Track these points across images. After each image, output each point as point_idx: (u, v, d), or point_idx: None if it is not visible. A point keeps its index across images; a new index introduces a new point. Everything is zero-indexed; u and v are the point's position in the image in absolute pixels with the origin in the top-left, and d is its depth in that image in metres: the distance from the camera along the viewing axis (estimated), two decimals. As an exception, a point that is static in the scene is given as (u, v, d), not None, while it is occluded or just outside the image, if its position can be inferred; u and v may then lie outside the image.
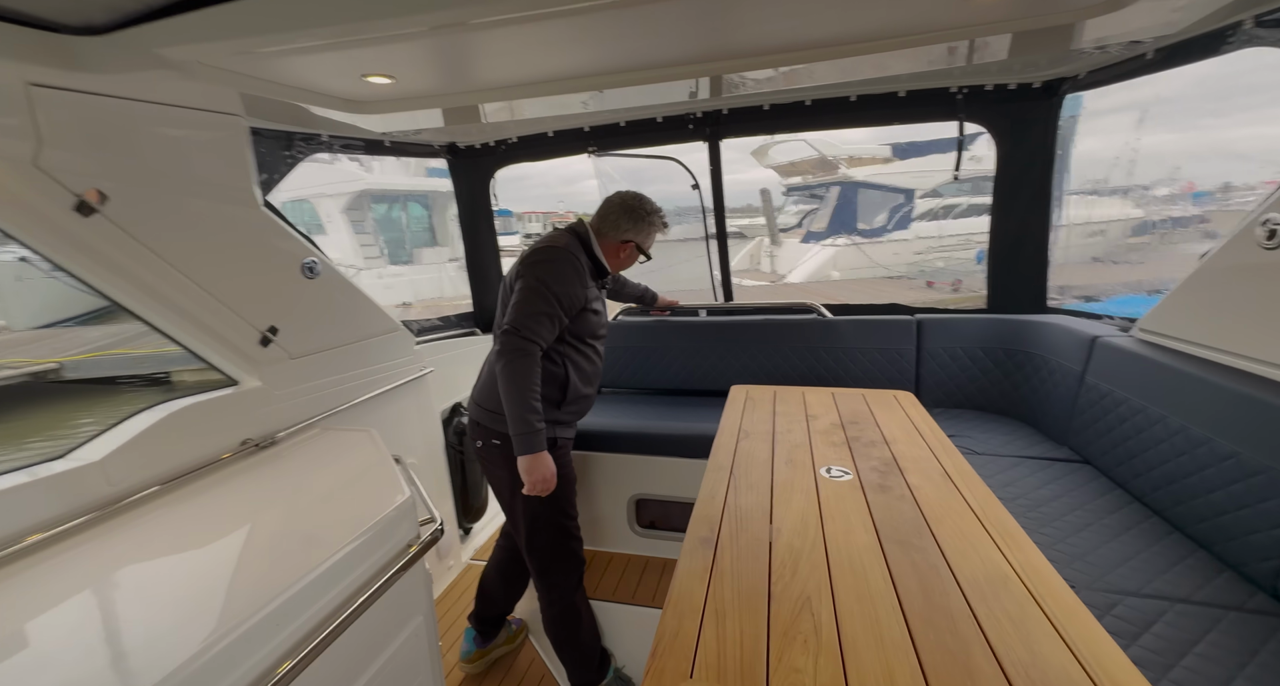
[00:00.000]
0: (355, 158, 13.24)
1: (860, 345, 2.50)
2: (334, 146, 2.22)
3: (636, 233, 1.69)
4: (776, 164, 15.09)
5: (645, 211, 1.69)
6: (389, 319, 2.37)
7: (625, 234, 1.68)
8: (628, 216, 1.68)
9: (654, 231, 1.72)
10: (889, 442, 1.47)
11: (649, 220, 1.69)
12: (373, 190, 12.25)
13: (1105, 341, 1.79)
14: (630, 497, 2.32)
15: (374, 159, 12.94)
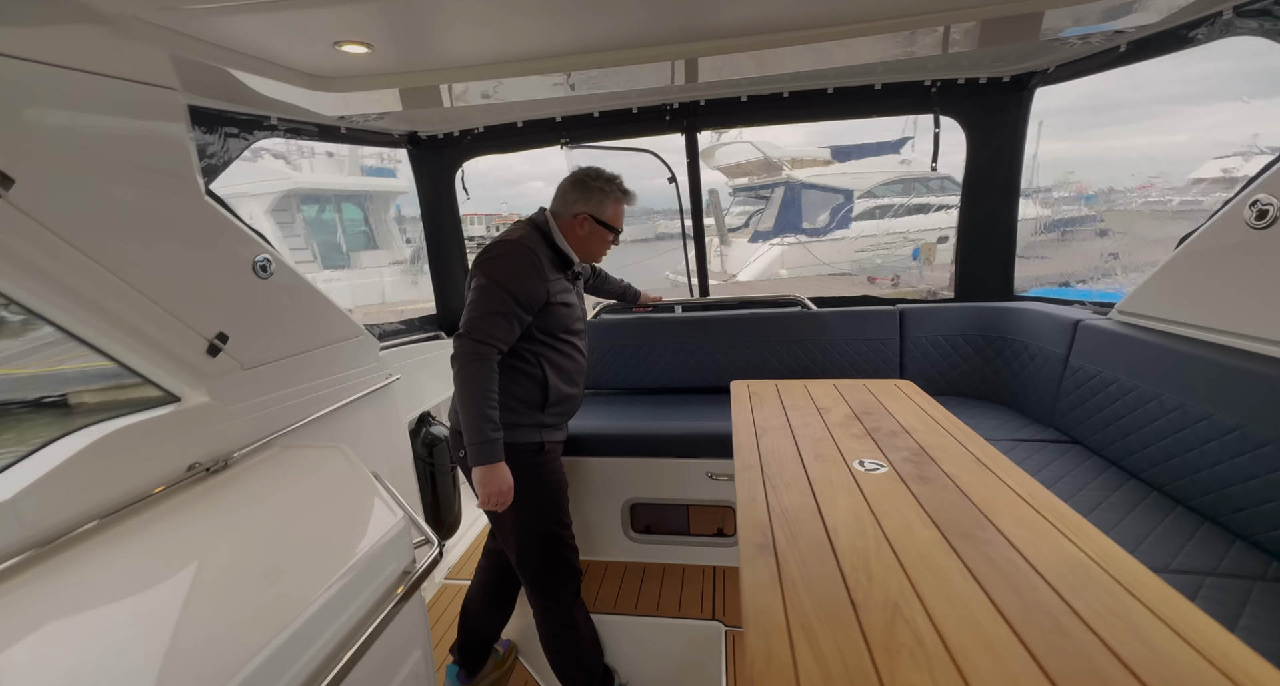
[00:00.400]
0: (280, 156, 12.36)
1: (846, 336, 2.51)
2: (282, 130, 1.98)
3: (587, 203, 1.55)
4: (723, 165, 15.36)
5: (594, 178, 1.56)
6: (351, 323, 2.16)
7: (576, 207, 1.55)
8: (576, 188, 1.56)
9: (609, 200, 1.57)
10: (909, 431, 1.44)
11: (599, 188, 1.55)
12: (301, 190, 11.45)
13: (1089, 324, 1.86)
14: (624, 502, 2.21)
15: (304, 157, 12.11)
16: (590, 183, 1.56)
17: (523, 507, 1.56)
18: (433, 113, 2.51)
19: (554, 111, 2.66)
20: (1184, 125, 13.23)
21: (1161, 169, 11.38)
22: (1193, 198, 12.45)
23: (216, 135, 1.77)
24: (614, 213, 1.59)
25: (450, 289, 3.05)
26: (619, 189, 1.59)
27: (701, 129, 2.73)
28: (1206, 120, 15.36)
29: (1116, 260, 10.33)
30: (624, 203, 1.61)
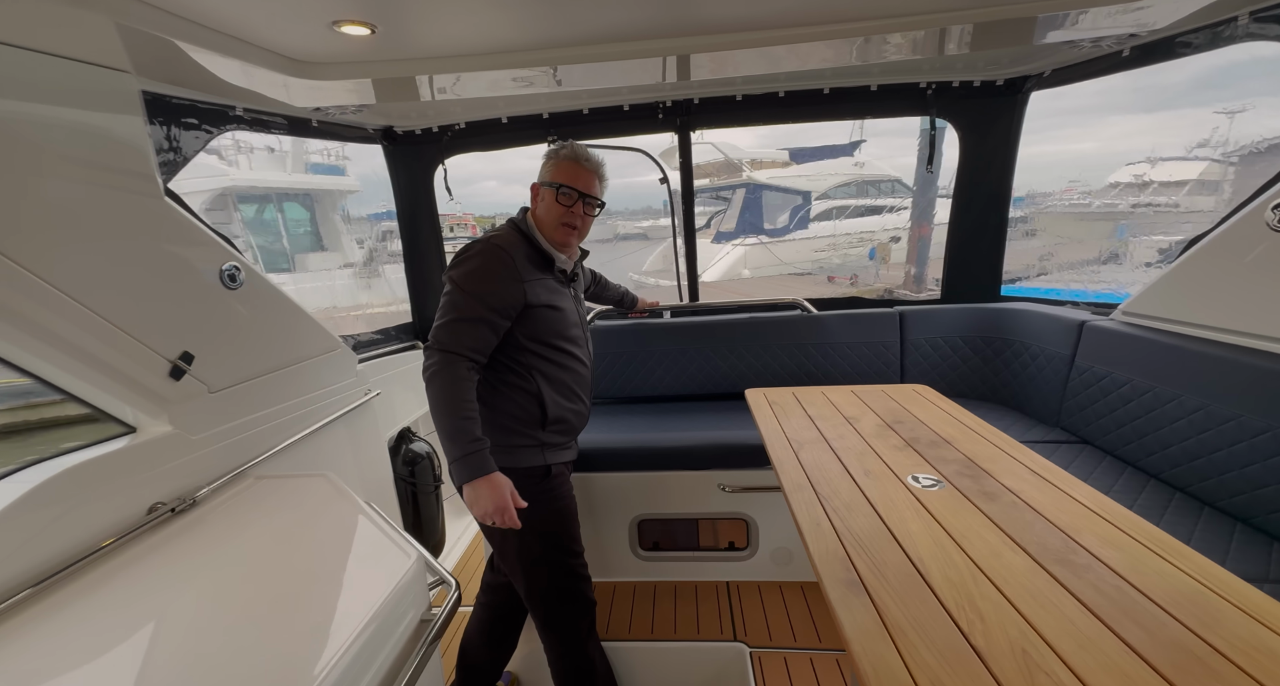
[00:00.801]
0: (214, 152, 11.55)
1: (847, 339, 2.48)
2: (249, 123, 1.76)
3: (539, 177, 1.44)
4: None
5: (547, 156, 1.46)
6: (328, 335, 1.95)
7: (533, 185, 1.45)
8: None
9: (551, 162, 1.42)
10: (949, 441, 1.39)
11: (548, 155, 1.44)
12: (238, 188, 10.71)
13: (1095, 325, 1.88)
14: (632, 519, 2.10)
15: (241, 153, 11.35)
16: (543, 160, 1.45)
17: (530, 539, 1.43)
18: (410, 107, 2.32)
19: (540, 107, 2.51)
20: (1092, 134, 14.24)
21: (1078, 175, 12.25)
22: (1110, 200, 13.45)
23: (175, 127, 1.55)
24: (557, 171, 1.41)
25: (428, 295, 2.85)
26: (568, 150, 1.43)
27: (695, 128, 2.65)
28: (1111, 131, 16.53)
29: (1050, 259, 11.01)
30: (576, 161, 1.42)
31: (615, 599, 2.06)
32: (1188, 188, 13.27)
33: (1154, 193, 13.56)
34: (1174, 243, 6.94)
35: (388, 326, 2.73)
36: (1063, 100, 2.27)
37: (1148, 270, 7.13)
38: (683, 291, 2.97)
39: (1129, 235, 11.88)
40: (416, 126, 2.46)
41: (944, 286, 2.68)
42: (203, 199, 10.55)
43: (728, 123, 2.61)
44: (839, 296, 3.05)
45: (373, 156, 2.59)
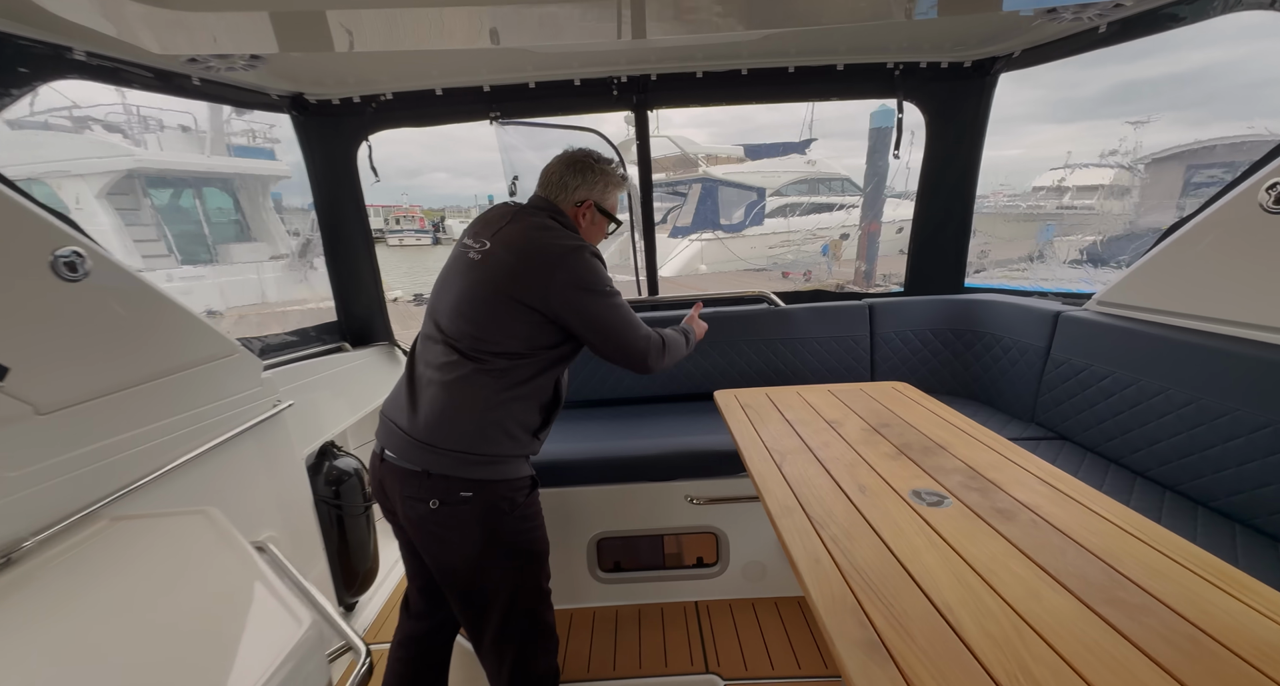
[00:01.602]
0: (117, 129, 10.38)
1: (816, 334, 2.34)
2: (95, 71, 1.41)
3: (590, 189, 1.32)
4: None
5: (596, 160, 1.35)
6: (220, 338, 1.63)
7: (578, 194, 1.32)
8: (576, 171, 1.32)
9: (611, 185, 1.36)
10: (944, 447, 1.25)
11: (602, 170, 1.34)
12: (145, 170, 9.66)
13: (1071, 316, 1.81)
14: (590, 538, 1.88)
15: (149, 131, 10.28)
16: (593, 165, 1.33)
17: (511, 566, 1.24)
18: (325, 70, 2.00)
19: (481, 78, 2.23)
20: (1016, 142, 15.10)
21: (1005, 179, 12.94)
22: (1035, 202, 14.32)
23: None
24: (614, 199, 1.39)
25: (355, 290, 2.52)
26: (620, 173, 1.38)
27: (653, 107, 2.43)
28: (1032, 138, 17.59)
29: (985, 256, 11.57)
30: (620, 190, 1.40)
31: (573, 629, 1.83)
32: (1100, 192, 14.26)
33: (1073, 196, 14.51)
34: (1092, 242, 7.35)
35: (307, 326, 2.38)
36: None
37: (1077, 267, 7.42)
38: (641, 286, 2.77)
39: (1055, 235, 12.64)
40: (334, 95, 2.13)
41: (908, 278, 2.59)
42: (102, 182, 9.50)
43: (687, 101, 2.41)
44: (802, 290, 2.93)
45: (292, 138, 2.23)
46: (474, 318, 1.18)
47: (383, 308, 2.61)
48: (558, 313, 1.18)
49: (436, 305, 1.28)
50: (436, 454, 1.15)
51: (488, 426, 1.17)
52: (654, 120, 2.58)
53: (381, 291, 2.59)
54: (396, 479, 1.20)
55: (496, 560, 1.21)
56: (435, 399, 1.17)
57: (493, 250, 1.20)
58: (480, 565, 1.21)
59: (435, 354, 1.21)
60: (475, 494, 1.16)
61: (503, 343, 1.17)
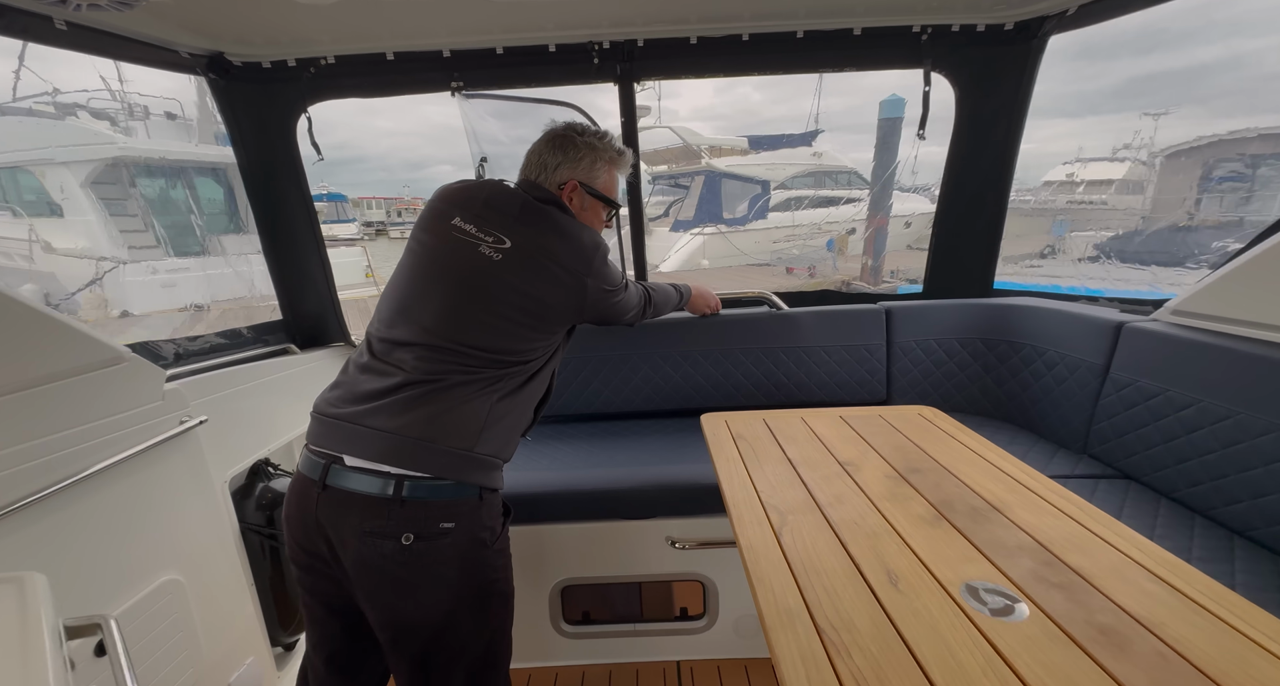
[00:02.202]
0: (104, 116, 10.17)
1: (824, 342, 2.03)
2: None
3: (574, 167, 1.18)
4: (642, 152, 14.89)
5: (579, 133, 1.20)
6: (99, 344, 1.33)
7: (560, 173, 1.18)
8: (556, 148, 1.18)
9: (601, 161, 1.20)
10: (999, 509, 0.94)
11: (588, 144, 1.19)
12: (132, 158, 9.38)
13: (1137, 328, 1.49)
14: (554, 585, 1.59)
15: (136, 119, 10.00)
16: (576, 139, 1.20)
17: (485, 617, 1.07)
18: (251, 25, 1.69)
19: (439, 41, 1.92)
20: (1024, 135, 14.89)
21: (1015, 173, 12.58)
22: (1045, 198, 13.91)
23: None
24: (608, 179, 1.24)
25: (302, 285, 2.22)
26: (612, 147, 1.23)
27: (640, 78, 2.11)
28: (1041, 133, 17.25)
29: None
30: (617, 167, 1.25)
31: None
32: (1114, 186, 13.82)
33: (1085, 191, 14.10)
34: (1107, 237, 6.97)
35: (238, 326, 2.08)
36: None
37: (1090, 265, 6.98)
38: (629, 283, 2.45)
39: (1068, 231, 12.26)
40: (264, 56, 1.82)
41: (928, 277, 2.27)
42: (86, 170, 9.24)
43: (679, 71, 2.09)
44: (808, 290, 2.62)
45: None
46: (486, 323, 1.03)
47: (335, 304, 2.31)
48: (588, 319, 1.17)
49: (414, 298, 1.07)
50: (429, 453, 0.97)
51: (498, 427, 1.05)
52: (655, 109, 2.28)
53: (333, 286, 2.29)
54: (350, 509, 0.96)
55: (471, 607, 1.04)
56: (419, 403, 0.99)
57: (517, 247, 1.06)
58: (453, 617, 1.02)
59: (412, 360, 1.02)
60: (457, 524, 0.99)
61: (515, 349, 1.06)
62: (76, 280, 9.10)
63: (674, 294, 1.65)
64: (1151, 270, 7.69)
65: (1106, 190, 13.43)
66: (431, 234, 1.10)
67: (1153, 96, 17.93)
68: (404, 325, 1.04)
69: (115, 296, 8.82)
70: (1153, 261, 8.30)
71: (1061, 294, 1.97)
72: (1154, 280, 7.19)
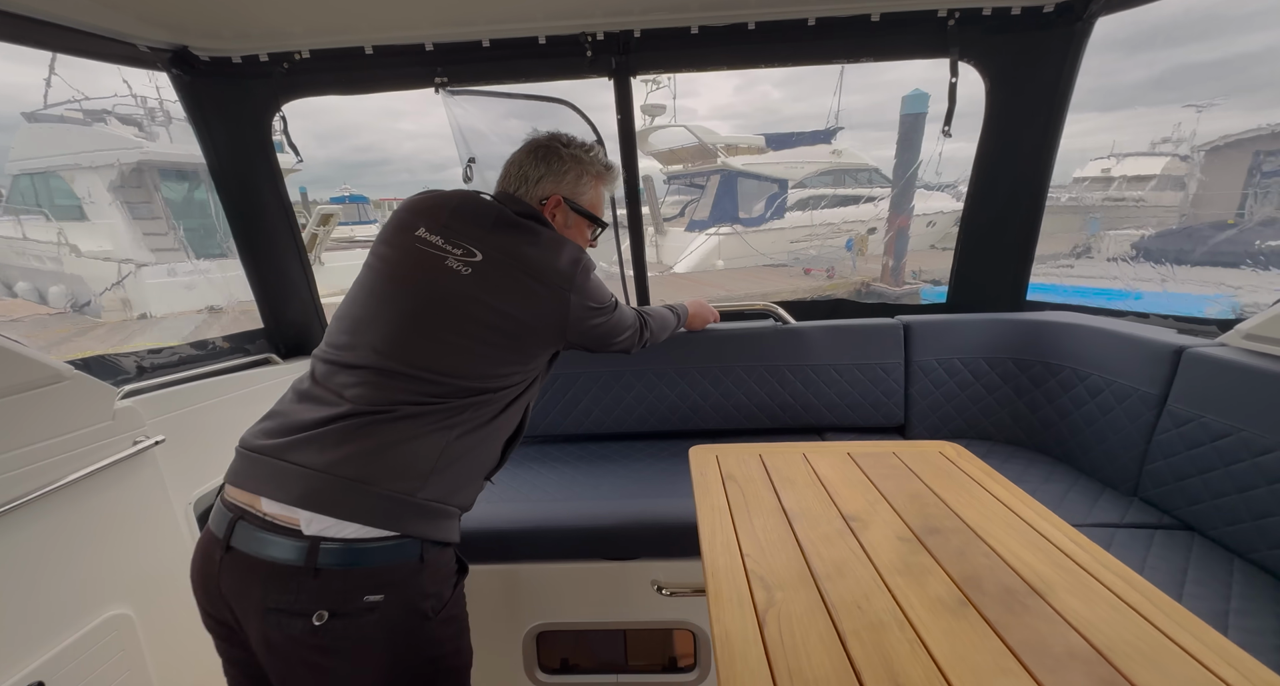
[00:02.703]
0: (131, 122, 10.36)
1: (834, 360, 1.84)
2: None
3: (557, 180, 1.09)
4: (657, 151, 14.76)
5: (565, 144, 1.11)
6: (29, 362, 1.22)
7: (542, 187, 1.09)
8: (539, 160, 1.09)
9: (587, 175, 1.12)
10: (1040, 591, 0.76)
11: (574, 157, 1.10)
12: (156, 162, 9.53)
13: (1201, 354, 1.28)
14: (528, 631, 1.44)
15: (160, 124, 10.19)
16: (560, 150, 1.11)
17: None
18: (219, 17, 1.58)
19: (422, 33, 1.79)
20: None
21: (1044, 170, 12.07)
22: (1077, 194, 13.34)
23: None
24: (595, 195, 1.15)
25: (284, 292, 2.11)
26: (599, 161, 1.15)
27: (637, 72, 1.94)
28: (1072, 128, 16.79)
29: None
30: (604, 183, 1.17)
31: (500, 750, 1.40)
32: (1153, 182, 13.18)
33: (1120, 187, 13.48)
34: (1144, 236, 6.58)
35: (215, 337, 1.98)
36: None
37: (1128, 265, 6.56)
38: (629, 294, 2.31)
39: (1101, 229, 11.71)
40: (234, 51, 1.71)
41: (953, 287, 2.07)
42: (112, 174, 9.43)
43: (679, 64, 1.92)
44: (821, 298, 2.44)
45: (308, 133, 1.82)
46: (452, 343, 0.91)
47: (319, 312, 2.20)
48: (570, 341, 1.04)
49: (366, 316, 0.94)
50: (361, 497, 0.81)
51: (455, 468, 0.91)
52: (671, 108, 2.10)
53: (316, 292, 2.18)
54: (252, 580, 0.80)
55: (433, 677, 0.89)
56: (358, 435, 0.84)
57: (489, 260, 0.95)
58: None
59: (357, 385, 0.88)
60: (388, 595, 0.82)
61: (486, 375, 0.93)
62: (102, 282, 9.31)
63: (671, 317, 1.53)
64: (1194, 269, 7.26)
65: (1144, 186, 12.83)
66: (392, 247, 0.98)
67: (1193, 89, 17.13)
68: (351, 347, 0.91)
69: (137, 298, 8.99)
70: (1198, 261, 7.83)
71: (1103, 308, 1.76)
72: (1200, 281, 6.77)
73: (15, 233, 10.84)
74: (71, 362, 1.48)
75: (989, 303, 1.98)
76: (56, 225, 10.56)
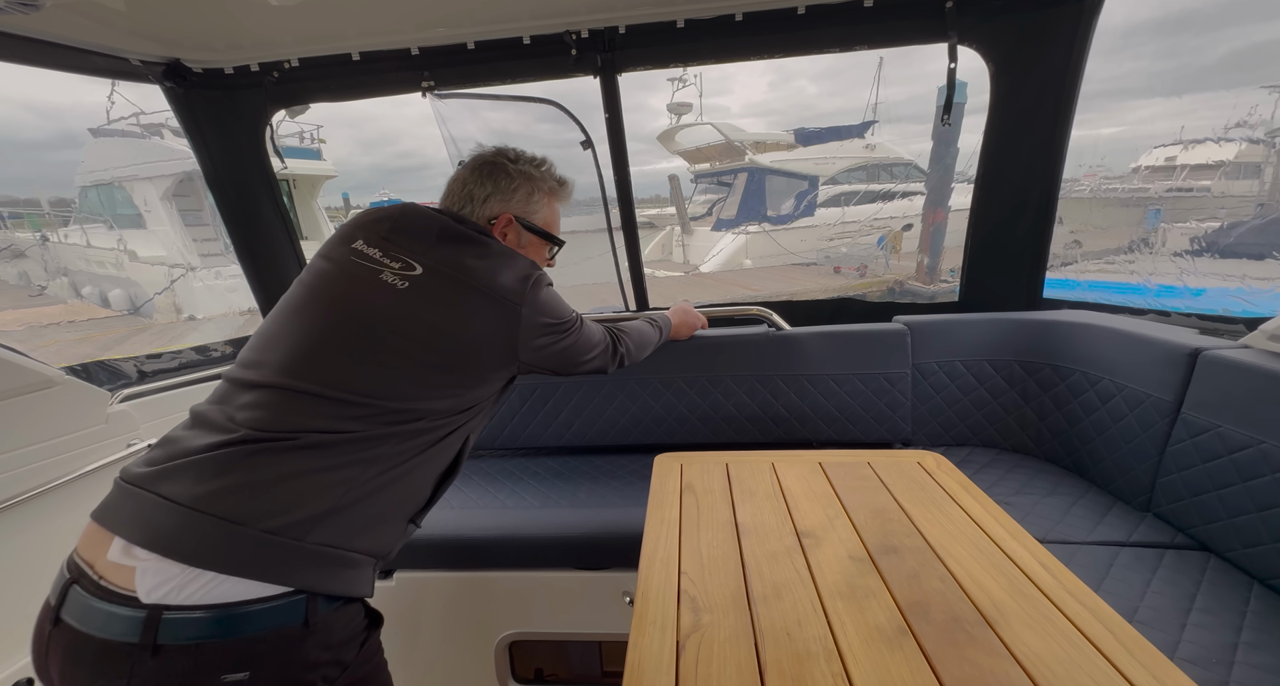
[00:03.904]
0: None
1: (834, 370, 1.75)
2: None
3: (506, 199, 1.03)
4: (683, 150, 14.67)
5: (512, 160, 1.05)
6: (18, 369, 1.28)
7: (489, 207, 1.02)
8: (486, 177, 1.03)
9: (539, 193, 1.06)
10: (990, 620, 0.69)
11: (523, 173, 1.04)
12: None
13: (1218, 357, 1.15)
14: (500, 640, 1.42)
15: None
16: (507, 166, 1.04)
17: None
18: (210, 30, 1.62)
19: (407, 38, 1.79)
20: (1113, 118, 13.30)
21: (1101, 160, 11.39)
22: (1137, 185, 12.53)
23: None
24: (549, 213, 1.09)
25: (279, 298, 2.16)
26: (551, 176, 1.09)
27: (623, 69, 1.90)
28: (1134, 114, 15.63)
29: (1079, 247, 10.16)
30: (558, 199, 1.12)
31: (472, 757, 1.39)
32: (1223, 171, 12.26)
33: (1186, 176, 12.59)
34: (1212, 228, 5.97)
35: (216, 342, 2.05)
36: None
37: (1190, 260, 6.04)
38: (628, 299, 2.27)
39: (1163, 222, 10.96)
40: (225, 62, 1.76)
41: (964, 286, 1.95)
42: (165, 184, 9.97)
43: (666, 60, 1.87)
44: (828, 298, 2.34)
45: (353, 140, 1.87)
46: (382, 362, 0.81)
47: None
48: (524, 363, 0.94)
49: (278, 332, 0.85)
50: (233, 541, 0.67)
51: (365, 510, 0.78)
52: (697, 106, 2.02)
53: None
54: (80, 661, 0.65)
55: None
56: (241, 464, 0.72)
57: (429, 274, 0.87)
58: None
59: (252, 406, 0.77)
60: (256, 672, 0.66)
61: (419, 397, 0.83)
62: (156, 286, 9.90)
63: (650, 331, 1.41)
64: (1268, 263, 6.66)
65: (1213, 175, 11.95)
66: (327, 260, 0.91)
67: (1271, 69, 15.72)
68: (256, 364, 0.82)
69: (186, 300, 9.50)
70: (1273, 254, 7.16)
71: (1122, 306, 1.62)
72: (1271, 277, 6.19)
73: (82, 240, 11.64)
74: (70, 368, 1.55)
75: (1002, 301, 1.86)
76: (117, 233, 11.29)
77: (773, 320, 1.82)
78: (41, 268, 11.68)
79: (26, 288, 11.54)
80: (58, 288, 11.74)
